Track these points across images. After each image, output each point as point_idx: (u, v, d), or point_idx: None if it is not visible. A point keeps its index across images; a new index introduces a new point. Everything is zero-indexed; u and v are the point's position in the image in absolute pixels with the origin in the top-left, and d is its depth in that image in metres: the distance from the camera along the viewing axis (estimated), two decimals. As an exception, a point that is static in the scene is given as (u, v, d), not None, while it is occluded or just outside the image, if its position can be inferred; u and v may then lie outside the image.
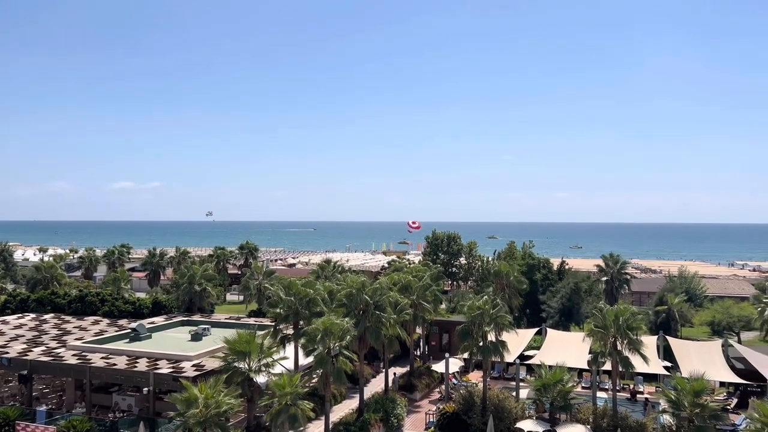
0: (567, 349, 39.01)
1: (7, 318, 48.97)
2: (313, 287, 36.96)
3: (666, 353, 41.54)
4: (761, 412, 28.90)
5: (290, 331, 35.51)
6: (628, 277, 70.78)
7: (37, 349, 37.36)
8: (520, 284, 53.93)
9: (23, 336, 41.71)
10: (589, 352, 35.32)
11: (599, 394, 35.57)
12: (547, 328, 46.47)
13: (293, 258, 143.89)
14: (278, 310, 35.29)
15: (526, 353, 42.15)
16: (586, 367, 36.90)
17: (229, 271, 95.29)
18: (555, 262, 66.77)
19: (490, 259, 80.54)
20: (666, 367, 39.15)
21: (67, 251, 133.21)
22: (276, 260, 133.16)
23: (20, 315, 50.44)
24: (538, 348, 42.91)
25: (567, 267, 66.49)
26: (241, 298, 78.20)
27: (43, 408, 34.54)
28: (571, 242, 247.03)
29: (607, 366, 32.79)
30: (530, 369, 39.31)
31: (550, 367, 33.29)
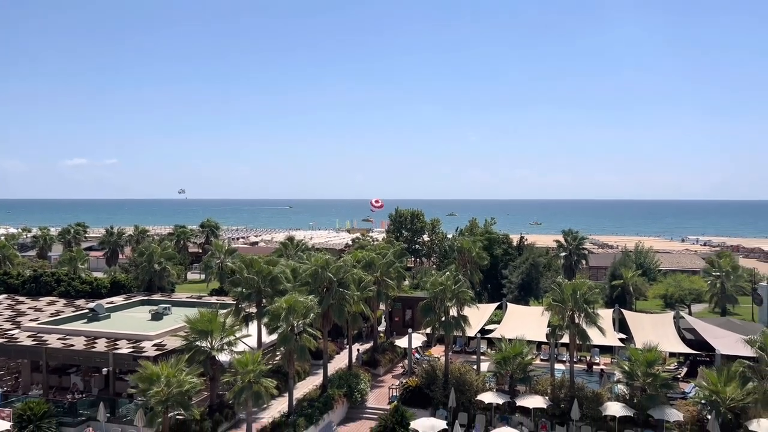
0: (526, 322, 39.93)
1: (-43, 299, 47.29)
2: (276, 265, 36.76)
3: (621, 326, 42.93)
4: (709, 380, 30.30)
5: (253, 310, 35.32)
6: (586, 252, 72.55)
7: (-10, 331, 36.23)
8: (481, 260, 54.75)
9: (-26, 318, 40.36)
10: (548, 326, 36.25)
11: (557, 365, 36.60)
12: (508, 303, 47.42)
13: (255, 236, 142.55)
14: (240, 289, 35.00)
15: (487, 327, 42.99)
16: (545, 340, 37.87)
17: (190, 250, 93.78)
18: (515, 239, 67.92)
19: (451, 236, 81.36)
20: (621, 339, 40.50)
21: (20, 230, 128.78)
22: (238, 239, 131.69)
23: (-29, 296, 48.74)
24: (498, 322, 43.80)
25: (526, 243, 67.74)
26: (203, 276, 77.22)
27: (-2, 391, 33.69)
28: (531, 219, 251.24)
29: (565, 339, 33.75)
30: (491, 343, 40.19)
31: (510, 340, 34.12)
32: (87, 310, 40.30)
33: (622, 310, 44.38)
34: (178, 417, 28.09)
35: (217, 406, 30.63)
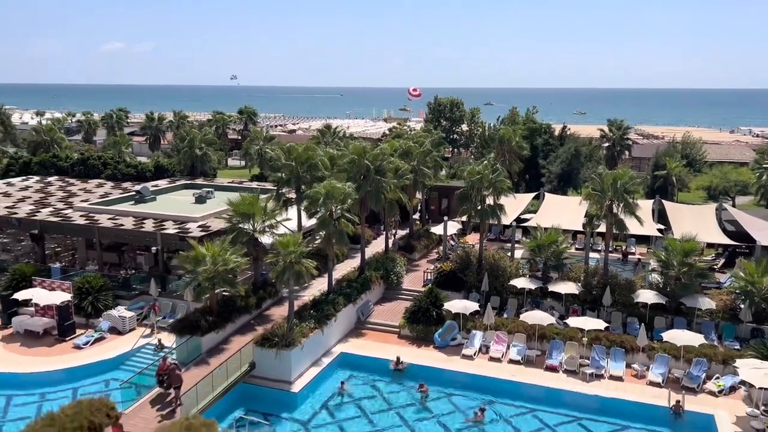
0: (563, 212, 39.84)
1: (12, 180, 49.55)
2: (314, 152, 36.96)
3: (660, 216, 42.47)
4: (746, 271, 30.21)
5: (293, 195, 36.06)
6: (630, 142, 70.54)
7: (45, 210, 38.19)
8: (521, 149, 53.86)
9: (30, 198, 42.44)
10: (585, 216, 36.14)
11: (592, 254, 36.87)
12: (545, 193, 47.14)
13: (293, 124, 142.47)
14: (280, 174, 35.58)
15: (523, 216, 43.09)
16: (581, 230, 37.93)
17: (229, 137, 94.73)
18: (557, 129, 66.18)
19: (491, 125, 79.73)
20: (659, 230, 40.20)
21: (65, 115, 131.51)
22: (276, 126, 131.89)
23: (25, 177, 50.97)
24: (535, 212, 43.79)
25: (569, 132, 66.02)
26: (242, 163, 78.55)
27: (57, 265, 36.05)
28: (575, 108, 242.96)
29: (602, 228, 33.65)
30: (526, 231, 40.45)
31: (545, 229, 34.29)
32: (134, 192, 41.78)
33: (662, 201, 43.70)
34: (224, 293, 29.78)
35: (260, 284, 32.25)
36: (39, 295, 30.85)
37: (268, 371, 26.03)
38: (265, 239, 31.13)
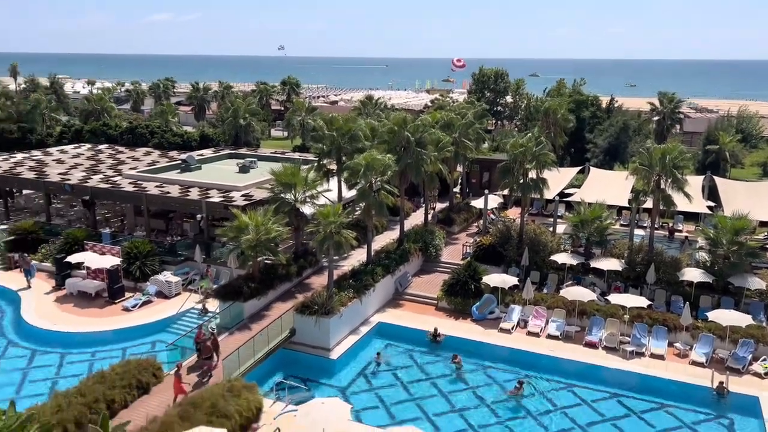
0: (608, 187, 38.93)
1: (66, 147, 51.30)
2: (355, 123, 36.95)
3: (711, 193, 41.07)
4: (800, 251, 29.01)
5: (333, 166, 36.26)
6: (681, 116, 68.00)
7: (96, 177, 39.49)
8: (566, 122, 52.61)
9: (82, 165, 43.91)
10: (631, 191, 35.22)
11: (637, 231, 36.02)
12: (591, 167, 46.07)
13: (335, 95, 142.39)
14: (321, 145, 35.77)
15: (567, 191, 42.31)
16: (626, 206, 37.02)
17: (273, 107, 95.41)
18: (605, 101, 64.24)
19: (536, 97, 77.96)
20: (709, 207, 38.92)
21: (114, 84, 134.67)
22: (318, 97, 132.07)
23: (77, 145, 52.71)
24: (579, 186, 42.95)
25: (617, 105, 64.03)
26: (285, 133, 79.21)
27: (107, 230, 37.38)
28: (626, 80, 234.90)
29: (648, 204, 32.73)
30: (569, 206, 39.75)
31: (589, 204, 33.60)
32: (180, 161, 42.74)
33: (714, 177, 42.20)
34: (266, 261, 30.40)
35: (301, 253, 32.76)
36: (90, 258, 32.13)
37: (308, 338, 26.60)
38: (306, 209, 31.51)
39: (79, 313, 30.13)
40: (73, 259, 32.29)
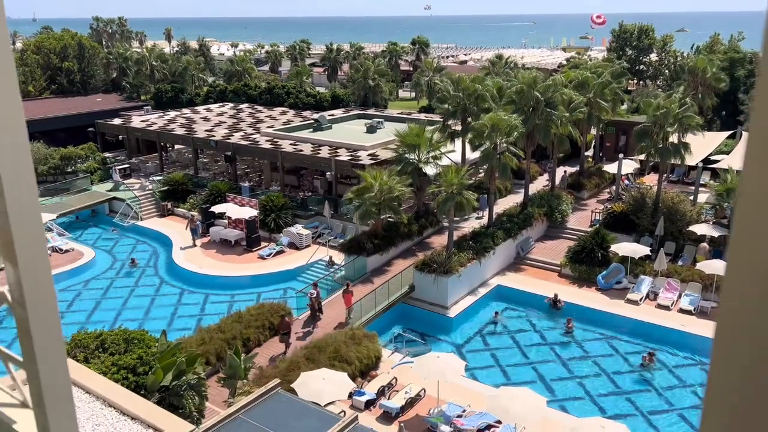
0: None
1: (211, 106, 55.47)
2: (482, 83, 36.30)
3: None
4: None
5: (458, 127, 36.06)
6: None
7: (237, 134, 42.47)
8: (717, 82, 47.88)
9: (225, 122, 47.36)
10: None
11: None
12: (743, 132, 41.83)
13: (465, 55, 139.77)
14: (446, 106, 35.61)
15: (713, 158, 38.90)
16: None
17: (402, 68, 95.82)
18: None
19: (685, 54, 71.41)
20: None
21: (255, 47, 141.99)
22: (447, 57, 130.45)
23: (221, 104, 56.77)
24: (728, 153, 39.30)
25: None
26: (413, 94, 79.52)
27: (247, 184, 40.28)
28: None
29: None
30: (715, 174, 36.58)
31: (738, 172, 30.71)
32: (312, 121, 44.69)
33: None
34: (389, 219, 31.30)
35: (423, 212, 33.31)
36: (231, 209, 34.92)
37: (426, 295, 27.27)
38: (429, 170, 31.81)
39: (220, 259, 33.07)
40: (216, 209, 35.28)
